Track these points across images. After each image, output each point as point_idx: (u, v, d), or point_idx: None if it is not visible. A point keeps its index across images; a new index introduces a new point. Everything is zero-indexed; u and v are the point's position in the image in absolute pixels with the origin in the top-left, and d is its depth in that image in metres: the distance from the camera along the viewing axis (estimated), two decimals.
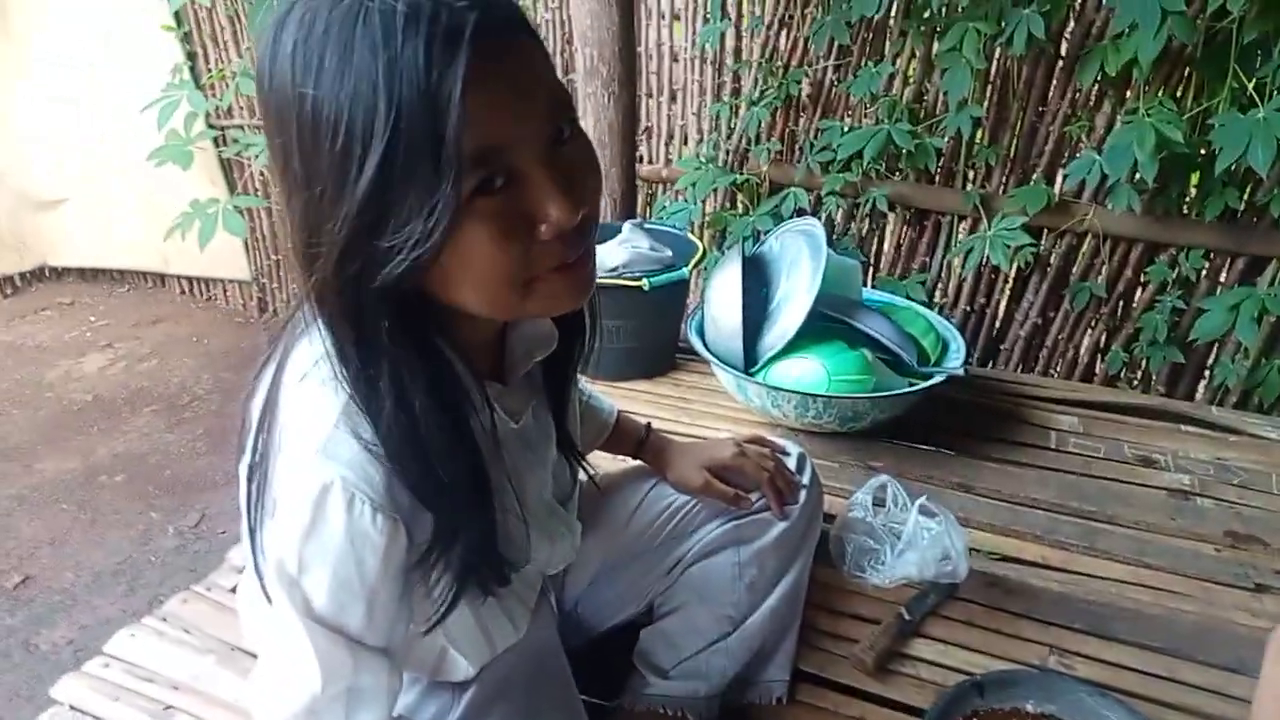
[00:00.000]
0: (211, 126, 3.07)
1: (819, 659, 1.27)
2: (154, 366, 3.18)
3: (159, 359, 3.22)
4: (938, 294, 2.41)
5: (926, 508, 1.41)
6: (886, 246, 2.44)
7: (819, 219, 1.96)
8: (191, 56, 3.03)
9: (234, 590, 1.41)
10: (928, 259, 2.37)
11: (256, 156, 2.86)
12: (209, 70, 3.03)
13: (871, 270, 2.47)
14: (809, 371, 1.64)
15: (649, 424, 1.23)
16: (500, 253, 0.65)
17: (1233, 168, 1.81)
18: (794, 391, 1.63)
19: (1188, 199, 2.04)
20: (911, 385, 1.68)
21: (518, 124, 0.63)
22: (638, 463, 1.23)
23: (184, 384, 3.08)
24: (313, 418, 0.69)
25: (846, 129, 2.27)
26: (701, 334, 1.82)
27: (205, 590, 1.39)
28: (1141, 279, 2.16)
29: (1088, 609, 1.34)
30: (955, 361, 1.75)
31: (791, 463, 1.30)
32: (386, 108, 0.58)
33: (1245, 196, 1.96)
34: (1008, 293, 2.34)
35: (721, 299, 1.74)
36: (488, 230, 0.64)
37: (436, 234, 0.61)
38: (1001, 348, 2.39)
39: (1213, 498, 1.57)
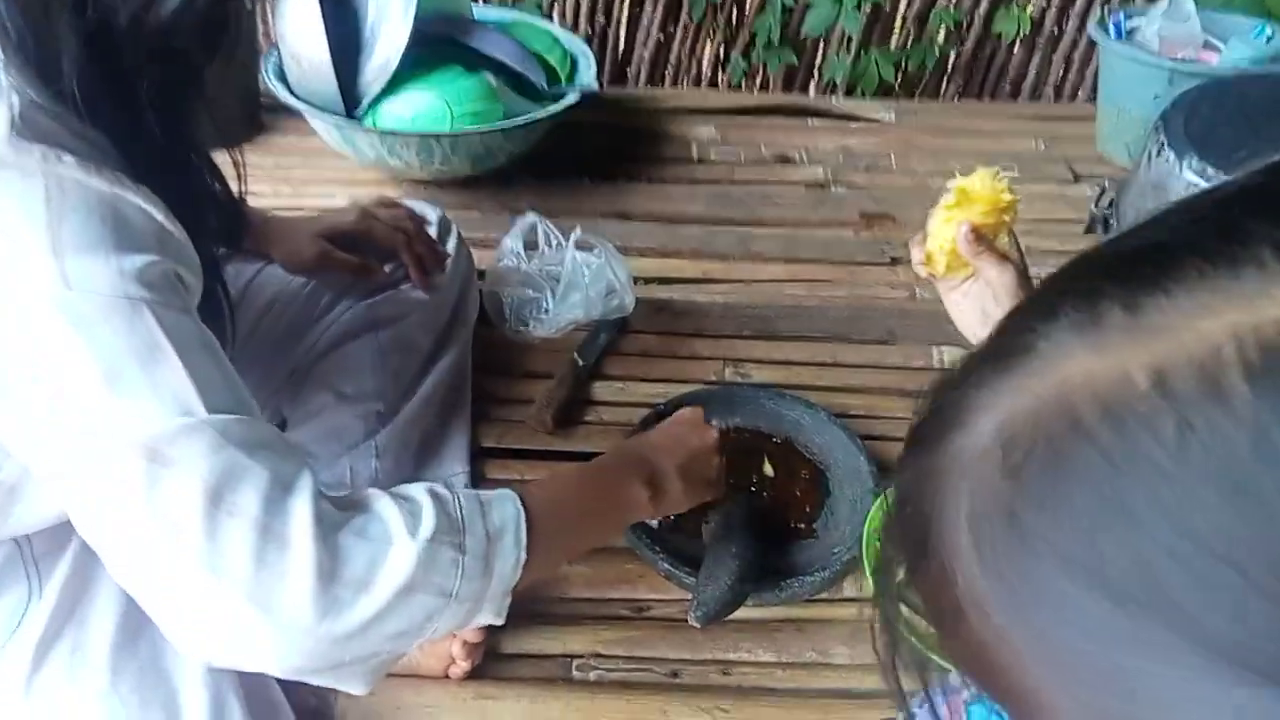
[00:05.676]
0: None
1: (497, 430, 1.13)
2: None
3: None
4: (555, 19, 2.19)
5: (583, 242, 1.27)
6: None
7: None
8: None
9: None
10: None
11: None
12: None
13: None
14: (426, 107, 1.37)
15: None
16: None
17: None
18: (413, 134, 1.36)
19: None
20: (545, 109, 1.47)
21: None
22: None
23: None
24: None
25: None
26: (284, 79, 1.45)
27: None
28: None
29: (753, 313, 1.31)
30: (587, 77, 1.57)
31: (433, 230, 1.12)
32: None
33: None
34: (627, 10, 2.19)
35: (298, 30, 1.37)
36: None
37: None
38: (628, 71, 2.27)
39: (845, 184, 1.61)
